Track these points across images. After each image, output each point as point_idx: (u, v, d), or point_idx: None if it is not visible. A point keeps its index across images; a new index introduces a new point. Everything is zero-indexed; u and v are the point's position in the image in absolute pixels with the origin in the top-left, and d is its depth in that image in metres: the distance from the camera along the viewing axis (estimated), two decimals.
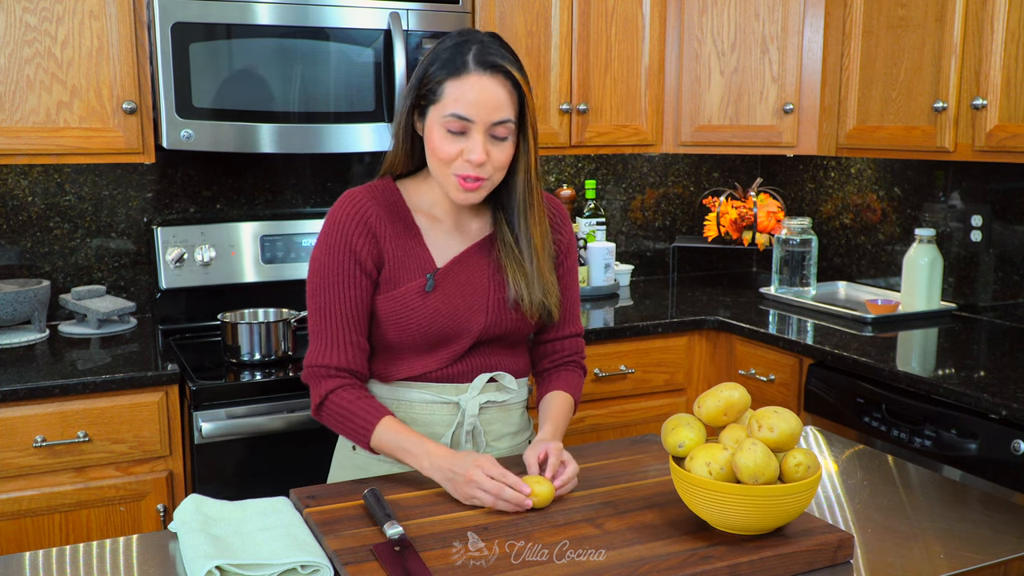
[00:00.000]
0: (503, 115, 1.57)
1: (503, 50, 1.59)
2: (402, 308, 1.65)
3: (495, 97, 1.56)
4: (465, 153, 1.57)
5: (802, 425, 1.37)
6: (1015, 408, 1.98)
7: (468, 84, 1.55)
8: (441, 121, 1.57)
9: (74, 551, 1.36)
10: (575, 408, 1.79)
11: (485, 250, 1.71)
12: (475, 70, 1.55)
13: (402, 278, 1.66)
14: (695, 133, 3.07)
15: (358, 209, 1.66)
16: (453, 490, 1.48)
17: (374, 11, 2.55)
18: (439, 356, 1.69)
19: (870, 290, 3.14)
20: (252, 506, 1.45)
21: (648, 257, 3.54)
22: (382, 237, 1.66)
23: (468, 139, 1.57)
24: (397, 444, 1.59)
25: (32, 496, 2.17)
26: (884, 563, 1.33)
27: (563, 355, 1.82)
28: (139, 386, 2.23)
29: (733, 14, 2.98)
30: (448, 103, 1.56)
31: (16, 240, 2.70)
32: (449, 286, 1.67)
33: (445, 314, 1.66)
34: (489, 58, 1.56)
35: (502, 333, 1.72)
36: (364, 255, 1.64)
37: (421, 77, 1.60)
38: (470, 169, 1.58)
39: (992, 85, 2.37)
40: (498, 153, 1.59)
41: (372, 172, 3.05)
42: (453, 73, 1.56)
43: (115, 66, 2.40)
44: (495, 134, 1.58)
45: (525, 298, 1.68)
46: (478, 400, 1.71)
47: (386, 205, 1.68)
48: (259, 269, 2.80)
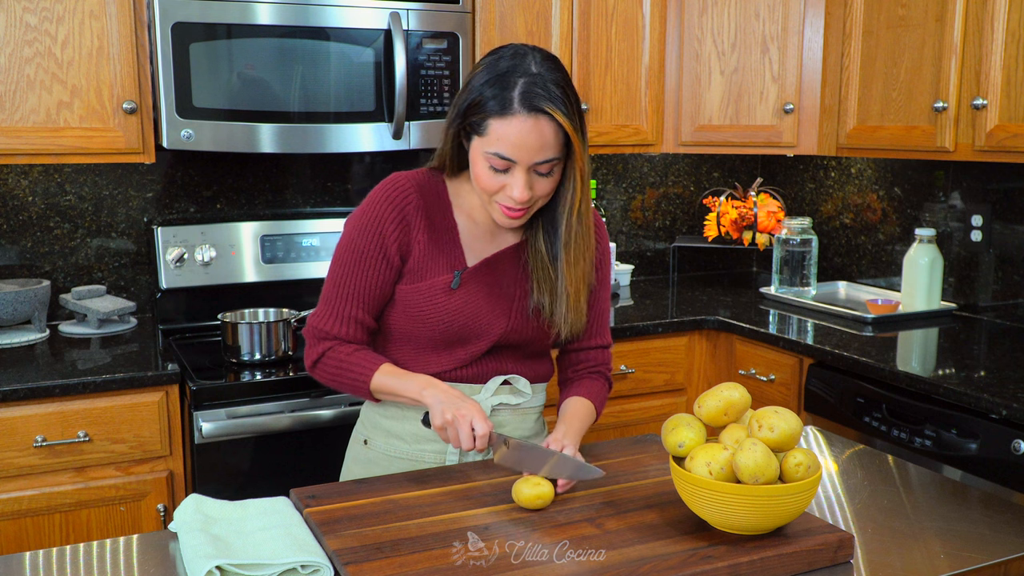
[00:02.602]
0: (547, 155, 1.53)
1: (553, 86, 1.51)
2: (425, 301, 1.66)
3: (539, 140, 1.51)
4: (508, 189, 1.55)
5: (802, 425, 1.37)
6: (1015, 408, 1.98)
7: (512, 127, 1.50)
8: (485, 156, 1.55)
9: (74, 551, 1.36)
10: (596, 416, 1.77)
11: (516, 255, 1.71)
12: (520, 111, 1.50)
13: (430, 271, 1.66)
14: (695, 133, 3.07)
15: (400, 195, 1.65)
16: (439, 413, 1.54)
17: (374, 11, 2.55)
18: (456, 356, 1.69)
19: (870, 290, 3.14)
20: (252, 506, 1.46)
21: (648, 257, 3.54)
22: (416, 228, 1.65)
23: (511, 176, 1.54)
24: (398, 381, 1.62)
25: (32, 496, 2.17)
26: (884, 563, 1.33)
27: (589, 365, 1.81)
28: (139, 386, 2.23)
29: (733, 14, 2.98)
30: (492, 141, 1.53)
31: (16, 240, 2.70)
32: (475, 287, 1.67)
33: (467, 314, 1.66)
34: (536, 101, 1.49)
35: (521, 341, 1.71)
36: (392, 242, 1.64)
37: (469, 104, 1.55)
38: (512, 204, 1.57)
39: (992, 85, 2.37)
40: (542, 186, 1.57)
41: (372, 172, 3.05)
42: (498, 112, 1.51)
43: (115, 66, 2.40)
44: (539, 171, 1.55)
45: (546, 307, 1.67)
46: (490, 402, 1.71)
47: (429, 196, 1.67)
48: (259, 269, 2.80)
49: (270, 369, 2.39)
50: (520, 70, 1.51)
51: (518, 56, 1.54)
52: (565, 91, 1.53)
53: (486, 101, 1.52)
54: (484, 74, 1.54)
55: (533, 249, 1.69)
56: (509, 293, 1.69)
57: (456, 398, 1.56)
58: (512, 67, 1.52)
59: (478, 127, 1.54)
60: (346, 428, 1.92)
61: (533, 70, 1.52)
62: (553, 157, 1.54)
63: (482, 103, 1.53)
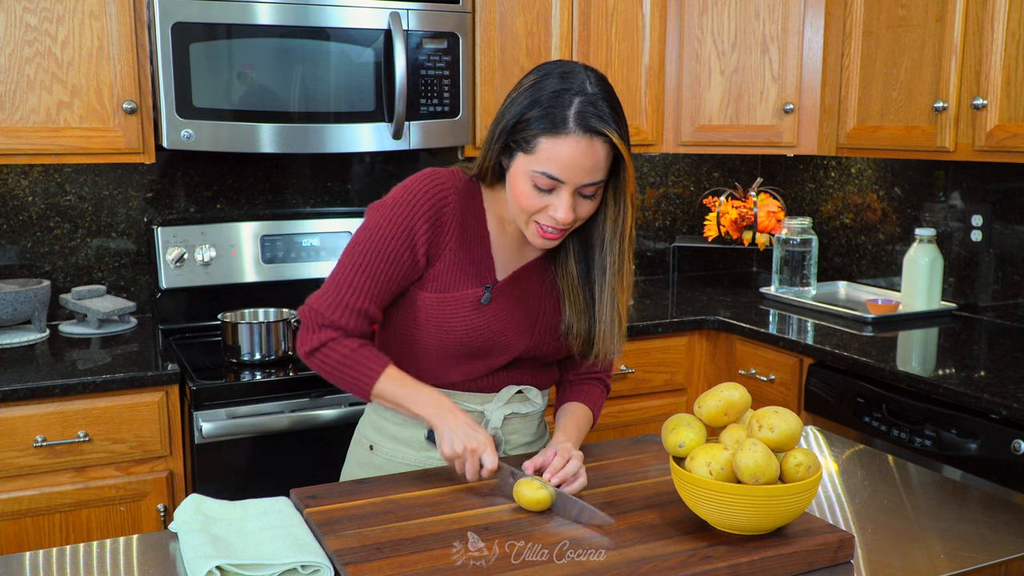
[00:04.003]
0: (596, 177, 1.49)
1: (606, 107, 1.47)
2: (452, 314, 1.60)
3: (592, 161, 1.47)
4: (550, 209, 1.50)
5: (802, 425, 1.37)
6: (1015, 408, 1.98)
7: (565, 146, 1.45)
8: (530, 174, 1.49)
9: (74, 551, 1.36)
10: (594, 422, 1.75)
11: (541, 268, 1.66)
12: (575, 131, 1.45)
13: (459, 282, 1.60)
14: (695, 133, 3.07)
15: (439, 192, 1.57)
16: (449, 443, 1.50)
17: (374, 11, 2.55)
18: (475, 367, 1.65)
19: (870, 290, 3.14)
20: (252, 506, 1.45)
21: (648, 257, 3.54)
22: (449, 232, 1.58)
23: (555, 196, 1.49)
24: (404, 392, 1.56)
25: (32, 496, 2.17)
26: (884, 563, 1.33)
27: (591, 370, 1.78)
28: (139, 386, 2.23)
29: (733, 14, 2.98)
30: (540, 159, 1.47)
31: (16, 240, 2.70)
32: (504, 303, 1.62)
33: (494, 329, 1.61)
34: (592, 122, 1.45)
35: (540, 355, 1.69)
36: (420, 242, 1.57)
37: (518, 118, 1.49)
38: (553, 223, 1.51)
39: (992, 85, 2.37)
40: (584, 209, 1.52)
41: (372, 172, 3.05)
42: (551, 130, 1.45)
43: (115, 66, 2.40)
44: (583, 193, 1.51)
45: (573, 327, 1.64)
46: (503, 411, 1.69)
47: (466, 199, 1.60)
48: (259, 269, 2.80)
49: (270, 369, 2.39)
50: (574, 88, 1.47)
51: (571, 74, 1.49)
52: (619, 113, 1.49)
53: (537, 118, 1.47)
54: (534, 91, 1.49)
55: (564, 271, 1.64)
56: (534, 308, 1.65)
57: (467, 427, 1.51)
58: (564, 89, 1.47)
59: (526, 144, 1.48)
60: (346, 428, 1.92)
61: (588, 89, 1.47)
62: (601, 179, 1.50)
63: (532, 121, 1.47)
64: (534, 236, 1.55)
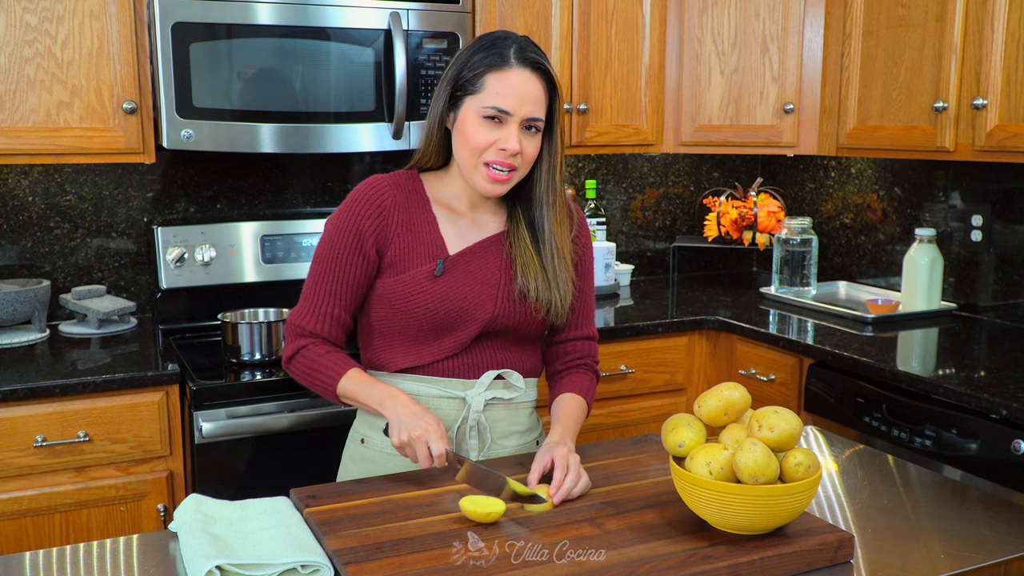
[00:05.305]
0: (538, 112, 1.64)
1: (540, 49, 1.67)
2: (411, 291, 1.68)
3: (534, 92, 1.63)
4: (500, 143, 1.62)
5: (802, 425, 1.37)
6: (1015, 408, 1.98)
7: (510, 77, 1.62)
8: (479, 111, 1.63)
9: (74, 551, 1.36)
10: (588, 411, 1.79)
11: (498, 244, 1.74)
12: (517, 64, 1.62)
13: (412, 262, 1.69)
14: (695, 133, 3.07)
15: (376, 192, 1.71)
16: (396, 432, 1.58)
17: (374, 11, 2.55)
18: (444, 344, 1.71)
19: (870, 290, 3.14)
20: (252, 506, 1.46)
21: (648, 257, 3.54)
22: (394, 222, 1.70)
23: (503, 130, 1.63)
24: (362, 389, 1.67)
25: (32, 496, 2.17)
26: (884, 563, 1.33)
27: (575, 357, 1.83)
28: (139, 386, 2.23)
29: (733, 14, 2.98)
30: (489, 95, 1.62)
31: (16, 240, 2.70)
32: (459, 273, 1.70)
33: (453, 300, 1.69)
34: (530, 55, 1.64)
35: (510, 326, 1.73)
36: (369, 237, 1.69)
37: (460, 69, 1.65)
38: (503, 157, 1.63)
39: (992, 85, 2.37)
40: (529, 146, 1.65)
41: (372, 172, 3.04)
42: (495, 66, 1.62)
43: (115, 66, 2.40)
44: (530, 125, 1.64)
45: (532, 291, 1.70)
46: (484, 396, 1.73)
47: (406, 192, 1.73)
48: (259, 269, 2.80)
49: (270, 369, 2.39)
50: (510, 39, 1.66)
51: (501, 32, 1.69)
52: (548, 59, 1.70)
53: (480, 61, 1.63)
54: (474, 45, 1.67)
55: (516, 237, 1.73)
56: (494, 279, 1.72)
57: (415, 415, 1.59)
58: (501, 37, 1.66)
59: (472, 85, 1.63)
60: (346, 428, 1.92)
61: (520, 39, 1.66)
62: (541, 116, 1.64)
63: (476, 63, 1.64)
64: (484, 181, 1.66)
